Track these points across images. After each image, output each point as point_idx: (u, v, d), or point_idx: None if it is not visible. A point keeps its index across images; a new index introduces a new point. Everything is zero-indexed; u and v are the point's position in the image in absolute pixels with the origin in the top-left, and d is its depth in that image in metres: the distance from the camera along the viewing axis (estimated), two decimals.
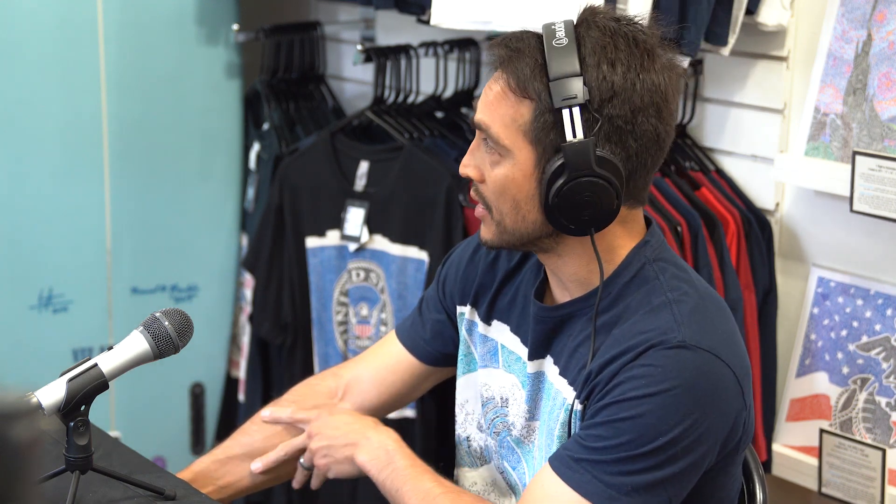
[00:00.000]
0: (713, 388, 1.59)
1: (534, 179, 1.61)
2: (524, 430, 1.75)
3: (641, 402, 1.56)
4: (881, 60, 2.17)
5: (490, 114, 1.63)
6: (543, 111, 1.58)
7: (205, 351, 3.08)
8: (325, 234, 2.77)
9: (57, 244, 2.88)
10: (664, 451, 1.56)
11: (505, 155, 1.62)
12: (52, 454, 1.66)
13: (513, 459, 1.78)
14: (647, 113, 1.59)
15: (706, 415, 1.58)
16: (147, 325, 1.64)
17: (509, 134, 1.61)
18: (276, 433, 1.94)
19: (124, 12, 2.87)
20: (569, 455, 1.60)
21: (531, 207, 1.62)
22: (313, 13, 3.29)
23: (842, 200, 2.22)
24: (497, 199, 1.64)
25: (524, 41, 1.62)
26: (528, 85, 1.59)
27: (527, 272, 1.80)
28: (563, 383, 1.68)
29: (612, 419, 1.57)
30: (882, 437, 2.24)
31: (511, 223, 1.64)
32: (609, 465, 1.57)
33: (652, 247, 1.68)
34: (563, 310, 1.70)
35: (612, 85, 1.57)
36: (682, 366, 1.57)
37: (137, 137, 2.93)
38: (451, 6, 2.41)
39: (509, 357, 1.79)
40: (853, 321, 2.30)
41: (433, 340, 1.93)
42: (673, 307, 1.61)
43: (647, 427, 1.56)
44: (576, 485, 1.58)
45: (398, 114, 2.80)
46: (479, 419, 1.83)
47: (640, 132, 1.59)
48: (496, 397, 1.80)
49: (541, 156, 1.60)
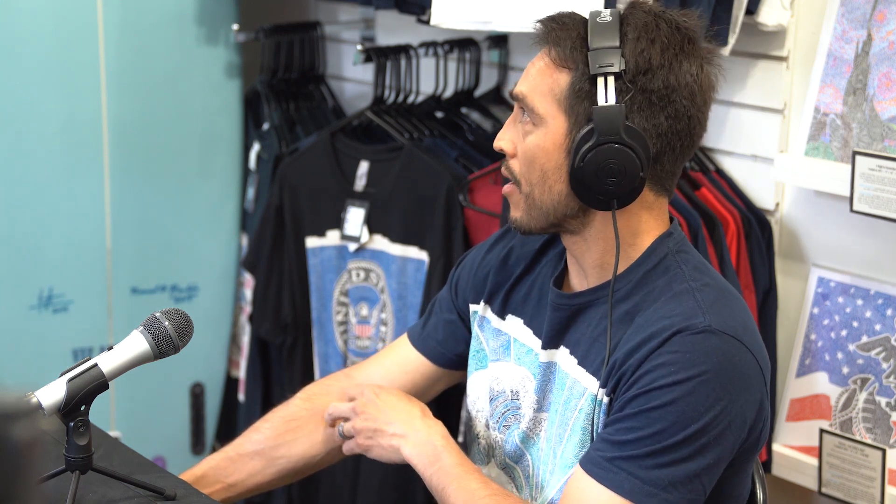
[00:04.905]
0: (740, 375, 1.59)
1: (563, 149, 1.64)
2: (531, 423, 1.75)
3: (672, 389, 1.56)
4: (881, 60, 2.17)
5: (529, 84, 1.67)
6: (579, 79, 1.62)
7: (205, 351, 3.08)
8: (325, 234, 2.77)
9: (57, 244, 2.87)
10: (697, 440, 1.56)
11: (538, 124, 1.65)
12: (52, 454, 1.66)
13: (516, 454, 1.78)
14: (681, 94, 1.62)
15: (734, 401, 1.58)
16: (147, 325, 1.64)
17: (544, 103, 1.64)
18: (289, 430, 1.94)
19: (124, 12, 2.87)
20: (600, 455, 1.59)
21: (557, 178, 1.64)
22: (313, 13, 3.29)
23: (842, 200, 2.22)
24: (527, 170, 1.67)
25: (570, 17, 1.67)
26: (569, 55, 1.63)
27: (544, 267, 1.81)
28: (583, 373, 1.67)
29: (643, 409, 1.57)
30: (882, 437, 2.24)
31: (538, 195, 1.66)
32: (644, 459, 1.56)
33: (675, 239, 1.70)
34: (581, 298, 1.71)
35: (649, 59, 1.61)
36: (709, 351, 1.57)
37: (137, 137, 2.93)
38: (451, 6, 2.41)
39: (521, 350, 1.79)
40: (853, 321, 2.30)
41: (445, 342, 1.94)
42: (696, 294, 1.62)
43: (679, 414, 1.55)
44: (613, 485, 1.57)
45: (398, 114, 2.80)
46: (488, 416, 1.83)
47: (673, 111, 1.62)
48: (507, 390, 1.80)
49: (572, 125, 1.63)
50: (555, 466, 1.70)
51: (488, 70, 2.89)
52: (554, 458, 1.70)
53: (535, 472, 1.75)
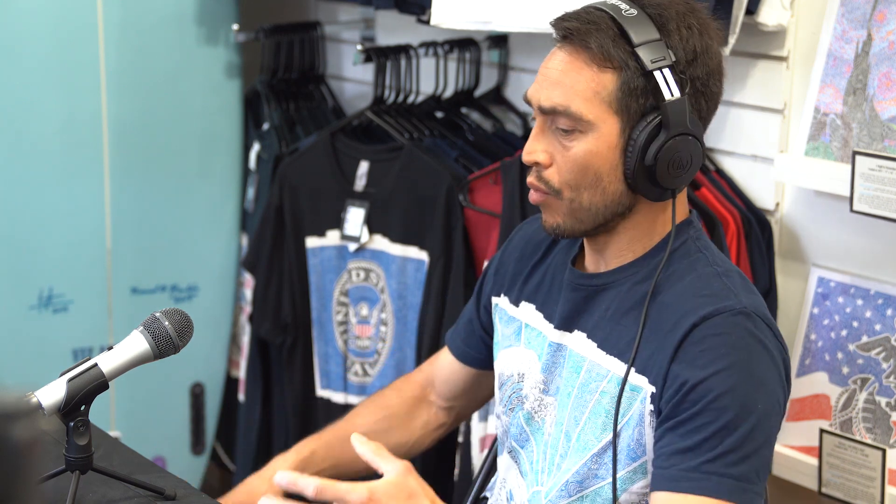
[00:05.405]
0: (775, 358, 1.61)
1: (618, 149, 1.61)
2: (536, 404, 1.73)
3: (728, 375, 1.55)
4: (881, 60, 2.17)
5: (565, 93, 1.61)
6: (631, 77, 1.59)
7: (205, 351, 3.08)
8: (325, 234, 2.77)
9: (57, 244, 2.87)
10: (764, 423, 1.56)
11: (587, 130, 1.61)
12: (52, 454, 1.66)
13: (522, 437, 1.76)
14: (716, 76, 1.64)
15: (775, 383, 1.59)
16: (147, 325, 1.64)
17: (592, 107, 1.60)
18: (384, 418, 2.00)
19: (124, 12, 2.87)
20: (679, 469, 1.55)
21: (613, 178, 1.63)
22: (313, 13, 3.29)
23: (842, 200, 2.22)
24: (576, 177, 1.63)
25: (594, 14, 1.62)
26: (612, 54, 1.59)
27: (558, 253, 1.81)
28: (604, 356, 1.66)
29: (707, 402, 1.54)
30: (882, 437, 2.24)
31: (589, 199, 1.64)
32: (728, 455, 1.53)
33: (695, 227, 1.71)
34: (600, 279, 1.70)
35: (694, 47, 1.61)
36: (750, 334, 1.58)
37: (137, 137, 2.93)
38: (451, 6, 2.41)
39: (531, 333, 1.79)
40: (853, 321, 2.30)
41: (468, 340, 1.96)
42: (723, 278, 1.63)
43: (743, 398, 1.55)
44: (707, 491, 1.53)
45: (398, 114, 2.80)
46: (498, 402, 1.83)
47: (710, 94, 1.64)
48: (514, 374, 1.79)
49: (625, 124, 1.61)
50: (568, 450, 1.67)
51: (488, 70, 2.89)
52: (567, 441, 1.67)
53: (540, 457, 1.72)
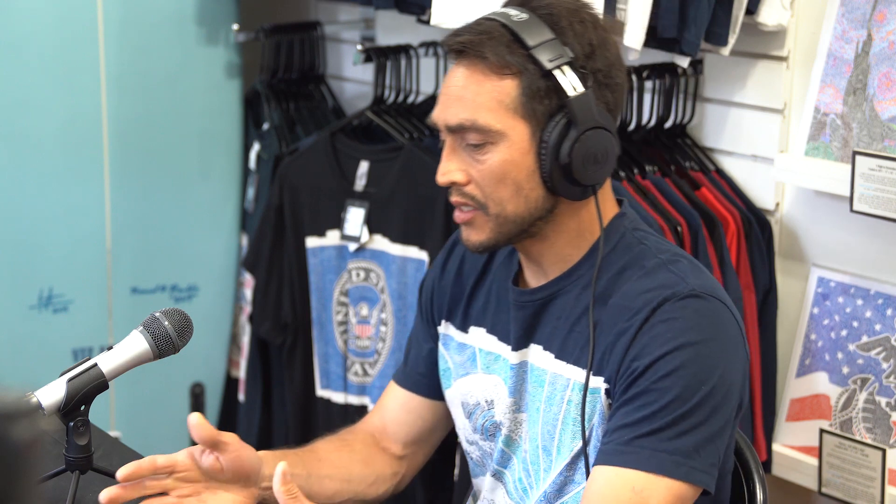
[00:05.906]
0: (730, 336, 1.60)
1: (531, 154, 1.61)
2: (511, 425, 1.72)
3: (674, 357, 1.55)
4: (881, 60, 2.17)
5: (467, 108, 1.61)
6: (532, 80, 1.59)
7: (205, 351, 3.08)
8: (325, 234, 2.77)
9: (57, 244, 2.87)
10: (710, 401, 1.54)
11: (497, 140, 1.60)
12: (52, 454, 1.66)
13: (504, 459, 1.75)
14: (618, 67, 1.64)
15: (731, 362, 1.58)
16: (147, 325, 1.64)
17: (498, 117, 1.60)
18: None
19: (124, 12, 2.87)
20: (615, 444, 1.56)
21: (533, 184, 1.62)
22: (313, 13, 3.29)
23: (842, 200, 2.22)
24: (495, 190, 1.62)
25: (485, 24, 1.62)
26: (509, 61, 1.59)
27: (497, 271, 1.78)
28: (563, 366, 1.65)
29: (652, 382, 1.55)
30: (882, 437, 2.24)
31: (513, 209, 1.62)
32: (665, 431, 1.53)
33: (629, 218, 1.69)
34: (544, 291, 1.69)
35: (590, 41, 1.61)
36: (700, 314, 1.58)
37: (137, 137, 2.93)
38: (451, 6, 2.41)
39: (487, 358, 1.76)
40: (853, 321, 2.30)
41: (430, 372, 1.88)
42: (669, 266, 1.62)
43: (689, 378, 1.54)
44: (638, 464, 1.53)
45: (398, 114, 2.80)
46: (471, 430, 1.80)
47: (615, 85, 1.64)
48: (481, 402, 1.77)
49: (535, 127, 1.60)
50: (549, 463, 1.68)
51: None
52: (547, 455, 1.68)
53: (523, 475, 1.72)
